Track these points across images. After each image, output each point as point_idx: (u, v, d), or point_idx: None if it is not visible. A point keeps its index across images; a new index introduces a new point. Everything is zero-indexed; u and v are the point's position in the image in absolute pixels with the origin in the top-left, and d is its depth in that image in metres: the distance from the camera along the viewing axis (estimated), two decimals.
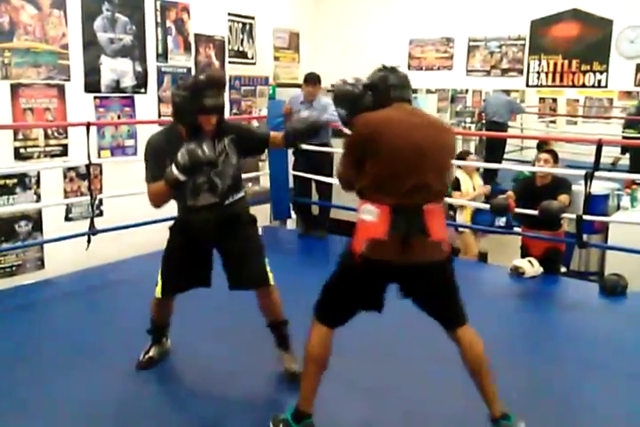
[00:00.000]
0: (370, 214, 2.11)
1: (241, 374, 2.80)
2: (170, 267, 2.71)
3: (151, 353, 2.88)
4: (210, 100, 2.42)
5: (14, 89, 4.55)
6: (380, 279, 2.20)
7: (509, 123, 7.44)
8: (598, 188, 5.03)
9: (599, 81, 6.07)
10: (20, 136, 4.63)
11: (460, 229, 5.42)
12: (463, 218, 5.44)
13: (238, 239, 2.65)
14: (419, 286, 2.22)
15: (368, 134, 2.14)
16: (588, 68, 6.09)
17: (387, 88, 2.26)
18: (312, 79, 5.31)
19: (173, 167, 2.32)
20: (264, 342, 2.83)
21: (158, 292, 2.74)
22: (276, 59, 7.06)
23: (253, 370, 2.83)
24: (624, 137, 6.72)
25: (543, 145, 6.52)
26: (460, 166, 5.41)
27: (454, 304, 2.27)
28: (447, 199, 4.96)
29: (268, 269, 2.69)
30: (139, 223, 4.57)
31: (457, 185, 5.37)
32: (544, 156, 4.34)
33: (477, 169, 5.68)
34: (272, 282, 2.69)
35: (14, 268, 4.63)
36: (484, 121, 7.54)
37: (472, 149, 8.08)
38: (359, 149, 2.16)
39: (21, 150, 4.64)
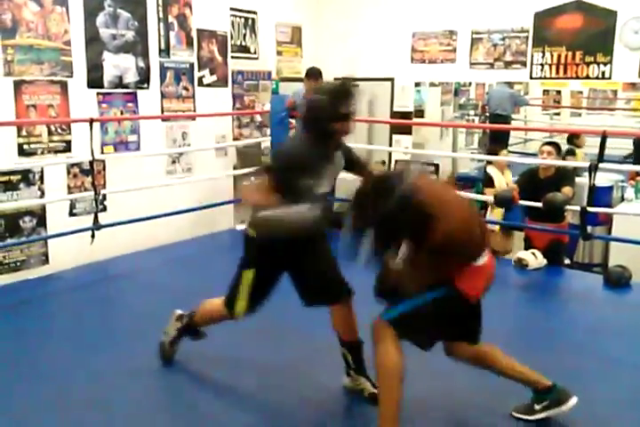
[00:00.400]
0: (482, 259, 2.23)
1: (250, 369, 2.81)
2: (262, 288, 2.56)
3: (175, 347, 2.82)
4: (347, 107, 2.40)
5: (17, 86, 4.56)
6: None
7: (513, 115, 7.42)
8: (602, 179, 5.00)
9: (603, 72, 6.03)
10: (24, 133, 4.64)
11: (490, 228, 5.01)
12: (494, 216, 5.16)
13: (319, 249, 2.57)
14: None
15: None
16: (592, 59, 6.05)
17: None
18: (314, 74, 5.31)
19: (307, 210, 2.31)
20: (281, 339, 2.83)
21: (242, 308, 2.57)
22: (279, 53, 7.05)
23: (266, 366, 2.83)
24: None
25: (574, 139, 6.48)
26: (491, 162, 5.25)
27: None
28: (480, 196, 4.92)
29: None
30: (142, 218, 4.59)
31: (490, 181, 5.16)
32: (547, 148, 4.33)
33: (508, 165, 5.48)
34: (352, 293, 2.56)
35: (19, 263, 4.65)
36: (487, 114, 7.53)
37: (475, 142, 8.07)
38: None
39: (25, 147, 4.65)
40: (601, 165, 4.00)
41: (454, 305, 2.19)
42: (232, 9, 6.33)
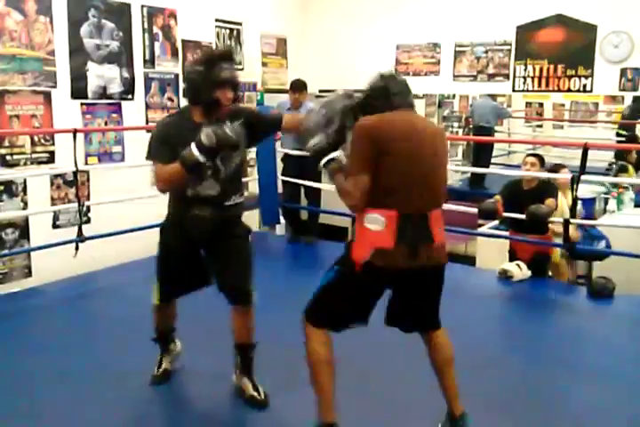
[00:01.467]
0: (376, 223, 2.08)
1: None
2: (166, 270, 2.59)
3: (164, 365, 2.76)
4: (227, 72, 2.36)
5: (0, 96, 4.52)
6: (381, 284, 2.18)
7: (496, 127, 7.49)
8: (585, 191, 5.06)
9: (584, 85, 6.13)
10: (6, 143, 4.60)
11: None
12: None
13: (232, 251, 2.55)
14: (417, 289, 2.21)
15: (377, 135, 2.07)
16: (574, 72, 6.15)
17: (388, 96, 2.19)
18: (298, 86, 5.33)
19: (194, 148, 2.23)
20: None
21: (155, 298, 2.62)
22: (264, 64, 7.08)
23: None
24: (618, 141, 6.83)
25: (625, 154, 6.43)
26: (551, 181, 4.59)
27: (437, 307, 2.30)
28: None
29: (254, 288, 2.58)
30: (126, 230, 4.55)
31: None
32: (530, 159, 4.37)
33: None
34: (254, 301, 2.58)
35: (1, 276, 4.58)
36: (471, 126, 7.59)
37: (459, 154, 8.13)
38: (373, 150, 2.06)
39: (7, 157, 4.60)
40: (583, 177, 4.04)
41: (349, 275, 2.14)
42: (217, 20, 6.34)
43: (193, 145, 2.24)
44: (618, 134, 7.07)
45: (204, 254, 2.60)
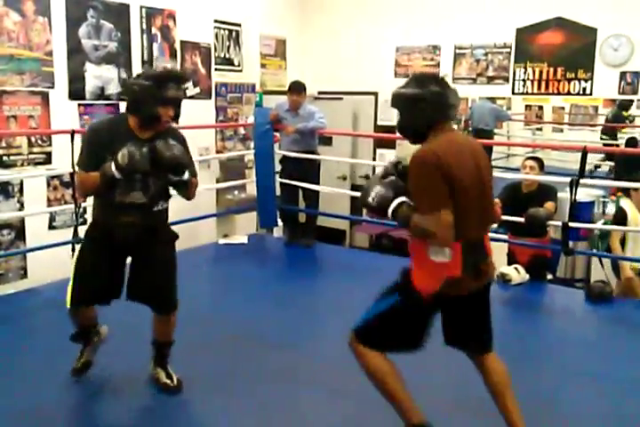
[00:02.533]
0: (442, 255, 2.02)
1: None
2: (83, 274, 2.55)
3: (85, 357, 2.76)
4: (172, 92, 2.41)
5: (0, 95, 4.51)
6: (442, 307, 2.16)
7: (495, 130, 7.47)
8: (584, 195, 5.04)
9: (584, 89, 6.12)
10: (3, 144, 4.58)
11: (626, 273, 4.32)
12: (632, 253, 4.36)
13: (156, 258, 2.59)
14: (475, 306, 2.21)
15: (444, 167, 1.96)
16: (573, 75, 6.14)
17: (445, 107, 2.09)
18: (297, 88, 5.31)
19: (112, 165, 2.31)
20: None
21: (67, 301, 2.58)
22: (263, 66, 7.06)
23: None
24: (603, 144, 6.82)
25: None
26: (626, 195, 4.46)
27: (489, 323, 2.28)
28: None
29: (176, 296, 2.67)
30: None
31: (622, 217, 4.35)
32: (529, 163, 4.35)
33: None
34: (177, 309, 2.66)
35: None
36: (470, 128, 7.56)
37: None
38: (444, 184, 1.96)
39: (4, 158, 4.59)
40: (582, 181, 4.03)
41: (413, 305, 2.09)
42: (216, 21, 6.33)
43: (112, 162, 2.31)
44: (602, 139, 7.09)
45: (133, 264, 2.60)
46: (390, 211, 2.06)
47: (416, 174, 2.00)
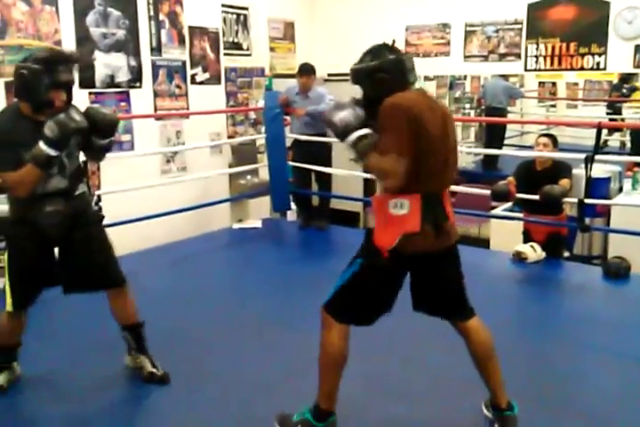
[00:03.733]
0: (401, 208, 2.03)
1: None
2: (20, 273, 2.47)
3: (0, 381, 2.57)
4: (64, 75, 2.33)
5: (8, 87, 4.52)
6: (406, 269, 2.15)
7: (509, 108, 7.40)
8: (599, 171, 4.99)
9: (598, 63, 6.01)
10: None
11: None
12: None
13: (89, 240, 2.53)
14: (440, 269, 2.17)
15: (415, 115, 1.98)
16: (587, 50, 6.03)
17: (403, 72, 2.11)
18: (306, 70, 5.28)
19: (42, 145, 2.24)
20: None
21: (9, 304, 2.48)
22: (272, 49, 7.01)
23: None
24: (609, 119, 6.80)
25: None
26: None
27: (465, 292, 2.25)
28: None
29: (120, 268, 2.61)
30: (137, 218, 4.56)
31: None
32: (543, 140, 4.30)
33: None
34: (127, 280, 2.61)
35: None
36: (483, 107, 7.51)
37: (472, 136, 8.06)
38: (411, 131, 1.97)
39: None
40: (597, 157, 3.99)
41: (375, 266, 2.08)
42: (223, 5, 6.28)
43: (41, 142, 2.24)
44: (608, 113, 7.04)
45: (59, 249, 2.54)
46: (352, 139, 2.07)
47: (388, 115, 2.00)
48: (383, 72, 2.09)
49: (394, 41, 2.24)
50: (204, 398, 2.55)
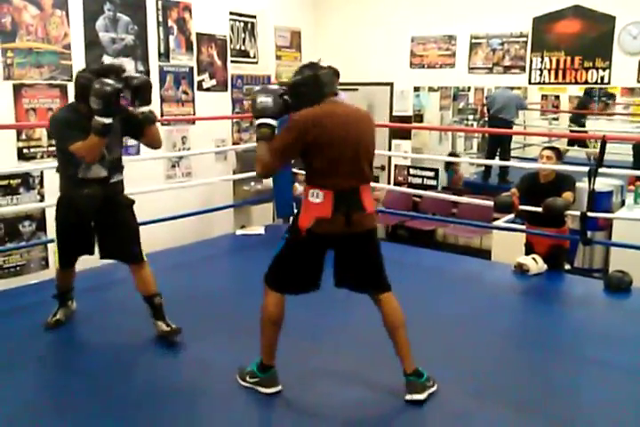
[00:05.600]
0: (317, 197, 2.44)
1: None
2: (64, 241, 3.10)
3: (58, 316, 3.25)
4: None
5: (17, 89, 4.56)
6: (323, 248, 2.51)
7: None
8: (601, 184, 5.00)
9: (602, 77, 6.05)
10: (24, 136, 4.63)
11: None
12: None
13: (118, 219, 3.06)
14: (354, 251, 2.53)
15: (311, 128, 2.38)
16: (591, 64, 6.07)
17: (318, 85, 2.48)
18: None
19: (95, 117, 2.69)
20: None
21: (57, 264, 3.18)
22: (278, 57, 7.06)
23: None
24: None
25: None
26: None
27: (382, 270, 2.60)
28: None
29: (141, 248, 3.11)
30: (141, 223, 4.55)
31: None
32: (546, 153, 4.32)
33: None
34: (145, 258, 3.11)
35: (18, 268, 4.64)
36: (486, 118, 7.52)
37: (474, 147, 8.08)
38: (300, 141, 2.39)
39: (24, 150, 4.65)
40: (600, 170, 4.01)
41: (296, 241, 2.49)
42: (231, 13, 6.34)
43: (95, 116, 2.70)
44: (570, 126, 7.21)
45: (94, 226, 3.07)
46: (258, 122, 2.47)
47: (288, 125, 2.43)
48: (303, 86, 2.49)
49: (319, 60, 2.61)
50: (208, 400, 2.55)
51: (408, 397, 2.51)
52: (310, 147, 2.40)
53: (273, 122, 2.47)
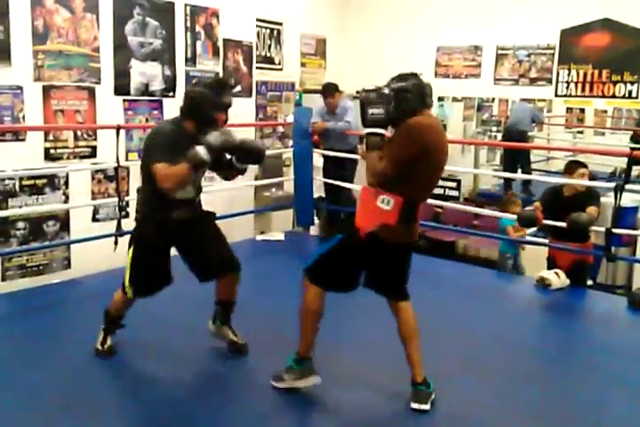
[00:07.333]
0: (387, 204, 2.46)
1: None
2: (145, 270, 2.82)
3: (109, 342, 2.99)
4: (226, 98, 2.71)
5: (46, 91, 4.61)
6: (370, 255, 2.54)
7: (536, 133, 7.37)
8: (626, 200, 4.94)
9: (630, 92, 5.99)
10: (51, 137, 4.69)
11: None
12: None
13: (207, 233, 2.92)
14: (396, 260, 2.58)
15: (427, 135, 2.42)
16: (619, 78, 6.02)
17: (423, 96, 2.49)
18: (329, 91, 5.39)
19: (200, 148, 2.51)
20: None
21: (130, 293, 2.85)
22: (303, 65, 7.08)
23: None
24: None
25: None
26: None
27: (404, 280, 2.64)
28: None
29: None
30: None
31: None
32: (584, 170, 4.24)
33: None
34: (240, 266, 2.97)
35: (41, 267, 4.68)
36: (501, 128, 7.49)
37: (497, 159, 8.03)
38: (414, 156, 2.39)
39: (51, 151, 4.70)
40: (627, 186, 3.96)
41: (351, 241, 2.56)
42: (258, 20, 6.37)
43: (200, 147, 2.52)
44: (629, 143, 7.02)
45: (180, 247, 2.91)
46: (369, 131, 2.47)
47: (405, 134, 2.44)
48: (409, 92, 2.46)
49: (421, 73, 2.60)
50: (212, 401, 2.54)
51: (415, 406, 2.53)
52: (423, 153, 2.40)
53: (382, 131, 2.47)
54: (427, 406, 2.53)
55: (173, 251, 2.92)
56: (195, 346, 3.11)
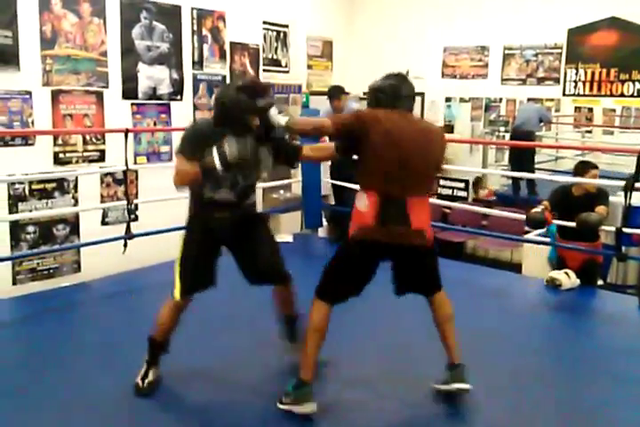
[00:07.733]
0: (362, 203, 2.45)
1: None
2: (191, 265, 2.70)
3: (150, 376, 2.67)
4: (262, 102, 2.53)
5: (55, 95, 4.64)
6: (372, 256, 2.50)
7: (544, 133, 7.34)
8: (636, 199, 4.91)
9: (638, 90, 5.97)
10: (60, 141, 4.72)
11: None
12: None
13: (259, 239, 2.74)
14: (404, 263, 2.56)
15: (371, 121, 2.43)
16: (627, 76, 5.99)
17: (396, 95, 2.52)
18: (334, 94, 5.38)
19: (216, 157, 2.41)
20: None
21: (177, 292, 2.67)
22: (310, 67, 7.10)
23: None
24: None
25: None
26: None
27: (433, 277, 2.64)
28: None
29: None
30: (173, 228, 4.59)
31: None
32: (595, 171, 4.22)
33: None
34: (291, 277, 2.82)
35: (51, 270, 4.71)
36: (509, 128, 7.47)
37: (505, 159, 8.01)
38: (357, 126, 2.45)
39: (60, 155, 4.73)
40: (637, 185, 3.93)
41: (346, 249, 2.53)
42: (264, 22, 6.39)
43: (215, 153, 2.41)
44: None
45: (229, 249, 2.77)
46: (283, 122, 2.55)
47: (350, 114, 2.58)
48: (381, 92, 2.54)
49: (407, 71, 2.58)
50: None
51: (458, 385, 2.53)
52: (362, 131, 2.42)
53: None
54: (468, 385, 2.53)
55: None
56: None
